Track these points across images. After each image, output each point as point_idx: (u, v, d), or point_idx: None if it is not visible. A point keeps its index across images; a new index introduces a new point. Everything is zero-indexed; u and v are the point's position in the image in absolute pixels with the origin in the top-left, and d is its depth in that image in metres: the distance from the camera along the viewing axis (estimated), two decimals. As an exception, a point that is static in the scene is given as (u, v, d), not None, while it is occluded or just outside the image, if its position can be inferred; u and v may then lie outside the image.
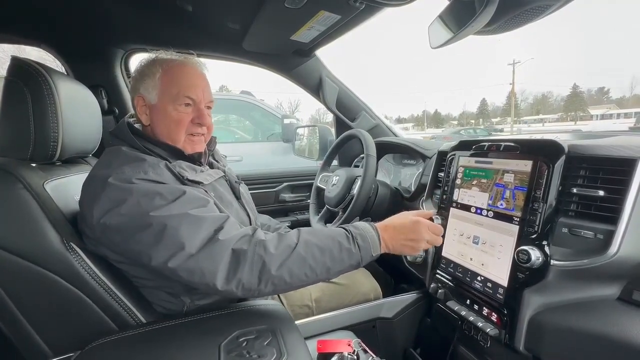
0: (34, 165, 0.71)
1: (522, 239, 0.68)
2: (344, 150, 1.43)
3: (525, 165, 0.70)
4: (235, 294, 0.60)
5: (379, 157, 1.11)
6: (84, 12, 1.08)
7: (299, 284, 0.64)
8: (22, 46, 1.22)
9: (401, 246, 0.73)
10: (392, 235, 0.72)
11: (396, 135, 1.58)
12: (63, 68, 1.23)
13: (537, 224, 0.66)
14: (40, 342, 0.65)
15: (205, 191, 0.73)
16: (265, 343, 0.58)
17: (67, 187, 0.74)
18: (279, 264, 0.61)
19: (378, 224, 0.74)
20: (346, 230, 0.70)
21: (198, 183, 0.73)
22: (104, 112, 1.17)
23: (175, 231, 0.59)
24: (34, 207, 0.63)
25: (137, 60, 0.82)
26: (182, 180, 0.70)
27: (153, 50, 0.79)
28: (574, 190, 0.64)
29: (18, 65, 0.68)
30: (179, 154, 0.77)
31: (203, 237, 0.60)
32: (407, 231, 0.73)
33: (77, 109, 0.77)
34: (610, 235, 0.58)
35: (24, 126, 0.67)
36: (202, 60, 0.82)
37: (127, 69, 1.33)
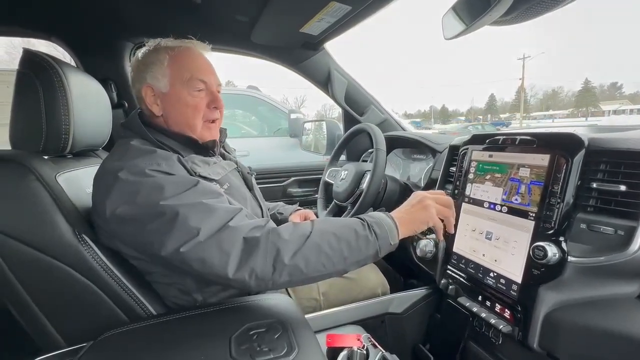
0: (46, 157, 0.71)
1: (537, 234, 0.66)
2: (351, 145, 1.42)
3: (542, 160, 0.68)
4: (248, 284, 0.59)
5: (388, 152, 1.10)
6: (93, 4, 1.08)
7: (315, 275, 0.61)
8: (32, 40, 1.23)
9: (418, 223, 0.69)
10: (406, 219, 0.69)
11: (405, 130, 1.56)
12: (73, 61, 1.23)
13: (554, 219, 0.64)
14: (54, 332, 0.66)
15: (219, 185, 0.73)
16: (276, 337, 0.57)
17: (79, 180, 0.74)
18: (293, 252, 0.59)
19: (392, 212, 0.71)
20: (361, 219, 0.67)
21: (210, 180, 0.72)
22: (114, 106, 1.17)
23: (186, 219, 0.58)
24: (46, 199, 0.63)
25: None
26: (194, 175, 0.69)
27: None
28: (594, 185, 0.62)
29: (30, 58, 0.68)
30: (192, 144, 0.76)
31: (214, 226, 0.59)
32: (416, 209, 0.71)
33: (88, 101, 0.77)
34: (631, 232, 0.56)
35: (35, 118, 0.67)
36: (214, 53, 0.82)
37: (136, 62, 1.33)
